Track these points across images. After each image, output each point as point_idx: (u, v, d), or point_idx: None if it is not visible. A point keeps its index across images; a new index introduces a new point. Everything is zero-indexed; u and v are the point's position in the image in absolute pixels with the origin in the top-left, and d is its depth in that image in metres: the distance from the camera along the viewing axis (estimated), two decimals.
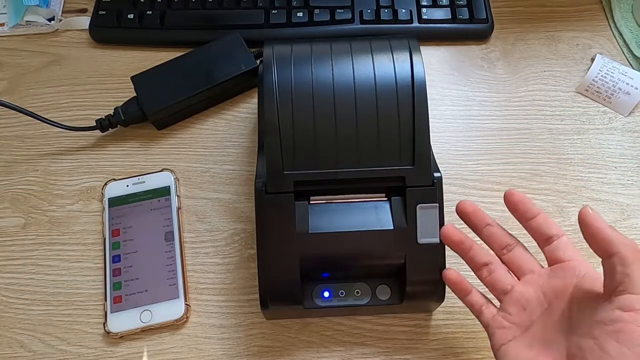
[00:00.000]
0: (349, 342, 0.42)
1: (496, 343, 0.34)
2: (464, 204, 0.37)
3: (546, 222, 0.35)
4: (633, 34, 0.54)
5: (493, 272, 0.36)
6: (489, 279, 0.36)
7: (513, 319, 0.34)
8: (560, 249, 0.34)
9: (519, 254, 0.36)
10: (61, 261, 0.45)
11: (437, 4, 0.55)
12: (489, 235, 0.36)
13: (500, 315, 0.35)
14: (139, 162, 0.49)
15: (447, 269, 0.37)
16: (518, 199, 0.36)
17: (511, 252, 0.36)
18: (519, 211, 0.36)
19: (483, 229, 0.37)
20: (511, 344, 0.34)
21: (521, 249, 0.36)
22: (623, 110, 0.51)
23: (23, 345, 0.42)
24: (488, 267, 0.36)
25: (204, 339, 0.42)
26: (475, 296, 0.36)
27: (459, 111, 0.52)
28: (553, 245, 0.35)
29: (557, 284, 0.34)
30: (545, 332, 0.33)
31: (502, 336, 0.34)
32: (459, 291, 0.37)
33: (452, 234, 0.36)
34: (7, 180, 0.49)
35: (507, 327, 0.34)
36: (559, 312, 0.33)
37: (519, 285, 0.35)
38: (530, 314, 0.34)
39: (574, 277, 0.33)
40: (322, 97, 0.38)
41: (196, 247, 0.45)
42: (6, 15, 0.56)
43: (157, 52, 0.54)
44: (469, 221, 0.37)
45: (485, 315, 0.36)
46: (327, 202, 0.38)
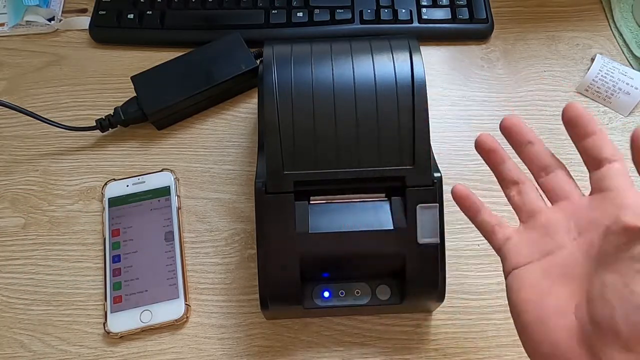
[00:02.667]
0: (349, 342, 0.42)
1: (508, 265, 0.31)
2: (508, 118, 0.33)
3: (600, 142, 0.30)
4: (633, 34, 0.54)
5: (523, 192, 0.32)
6: (517, 199, 0.32)
7: (532, 241, 0.31)
8: (608, 177, 0.30)
9: (559, 178, 0.32)
10: (61, 261, 0.45)
11: (437, 4, 0.55)
12: (529, 154, 0.33)
13: (517, 237, 0.31)
14: (139, 162, 0.49)
15: (455, 186, 0.34)
16: (577, 114, 0.31)
17: (550, 174, 0.32)
18: (576, 127, 0.31)
19: (524, 146, 0.33)
20: (525, 269, 0.30)
21: (563, 172, 0.32)
22: (623, 110, 0.51)
23: (23, 345, 0.42)
24: (518, 187, 0.33)
25: (204, 339, 0.42)
26: (486, 214, 0.33)
27: (459, 111, 0.52)
28: (602, 171, 0.30)
29: (593, 215, 0.29)
30: (567, 262, 0.29)
31: (516, 258, 0.31)
32: (468, 208, 0.34)
33: (486, 140, 0.33)
34: (7, 180, 0.49)
35: (523, 250, 0.31)
36: (587, 245, 0.29)
37: (549, 210, 0.31)
38: (554, 240, 0.30)
39: (615, 209, 0.28)
40: (322, 97, 0.38)
41: (196, 247, 0.45)
42: (6, 15, 0.56)
43: (157, 52, 0.54)
44: (509, 136, 0.33)
45: (499, 235, 0.32)
46: (327, 202, 0.38)
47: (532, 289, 0.29)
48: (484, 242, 0.38)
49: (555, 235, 0.30)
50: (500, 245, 0.32)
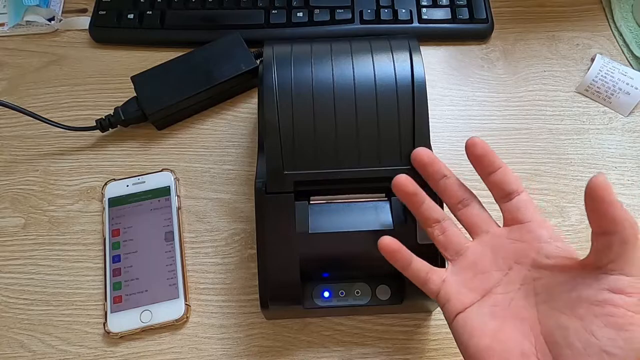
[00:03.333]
0: (349, 342, 0.42)
1: (451, 311, 0.31)
2: (420, 152, 0.34)
3: (506, 176, 0.32)
4: (633, 34, 0.54)
5: (446, 230, 0.33)
6: (442, 238, 0.33)
7: (469, 282, 0.31)
8: (520, 208, 0.31)
9: (476, 211, 0.33)
10: (61, 261, 0.45)
11: (437, 4, 0.55)
12: (444, 188, 0.34)
13: (453, 278, 0.32)
14: (139, 162, 0.49)
15: (382, 237, 0.33)
16: (482, 152, 0.33)
17: (467, 207, 0.33)
18: (482, 164, 0.33)
19: (439, 180, 0.34)
20: (469, 311, 0.30)
21: (478, 205, 0.33)
22: (623, 110, 0.51)
23: (23, 345, 0.42)
24: (441, 225, 0.33)
25: (204, 339, 0.42)
26: (417, 263, 0.33)
27: (459, 111, 0.52)
28: (512, 202, 0.32)
29: (517, 248, 0.31)
30: (508, 299, 0.30)
31: (457, 302, 0.31)
32: (400, 260, 0.33)
33: (406, 184, 0.33)
34: (7, 180, 0.49)
35: (462, 292, 0.31)
36: (521, 279, 0.30)
37: (474, 246, 0.32)
38: (488, 278, 0.31)
39: (536, 242, 0.30)
40: (322, 97, 0.38)
41: (196, 247, 0.45)
42: (6, 15, 0.56)
43: (157, 52, 0.54)
44: (425, 171, 0.35)
45: (434, 281, 0.32)
46: (327, 202, 0.38)
47: (485, 335, 0.29)
48: None
49: (487, 273, 0.31)
50: (438, 290, 0.32)
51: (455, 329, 0.31)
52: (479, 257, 0.32)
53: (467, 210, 0.33)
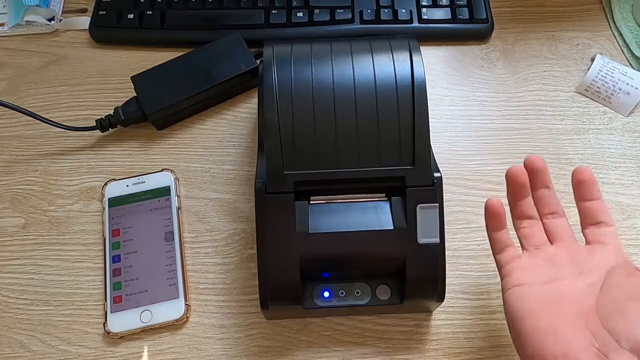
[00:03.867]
0: (349, 342, 0.42)
1: (510, 282, 0.33)
2: (535, 159, 0.36)
3: (603, 208, 0.35)
4: (633, 34, 0.54)
5: (534, 226, 0.35)
6: (527, 231, 0.35)
7: (537, 267, 0.33)
8: (606, 235, 0.34)
9: (563, 224, 0.35)
10: (61, 261, 0.45)
11: (437, 4, 0.55)
12: (543, 197, 0.36)
13: (524, 259, 0.34)
14: (139, 162, 0.49)
15: (491, 198, 0.36)
16: (586, 178, 0.35)
17: (556, 219, 0.35)
18: (582, 190, 0.35)
19: (541, 189, 0.36)
20: (528, 287, 0.32)
21: (566, 221, 0.36)
22: (623, 110, 0.51)
23: (23, 345, 0.42)
24: (530, 221, 0.35)
25: (204, 339, 0.42)
26: (505, 234, 0.35)
27: (459, 111, 0.52)
28: (600, 229, 0.34)
29: (594, 260, 0.33)
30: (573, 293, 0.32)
31: (519, 276, 0.33)
32: (495, 223, 0.36)
33: (519, 174, 0.35)
34: (7, 180, 0.49)
35: (527, 272, 0.33)
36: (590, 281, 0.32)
37: (553, 247, 0.34)
38: (556, 271, 0.33)
39: (613, 259, 0.33)
40: (322, 97, 0.38)
41: (196, 247, 0.45)
42: (6, 15, 0.56)
43: (157, 52, 0.54)
44: (533, 176, 0.36)
45: (508, 253, 0.34)
46: (327, 202, 0.38)
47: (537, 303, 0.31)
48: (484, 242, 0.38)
49: (557, 268, 0.33)
50: (506, 262, 0.34)
51: (509, 298, 0.32)
52: (556, 255, 0.34)
53: (556, 221, 0.35)
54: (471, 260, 0.45)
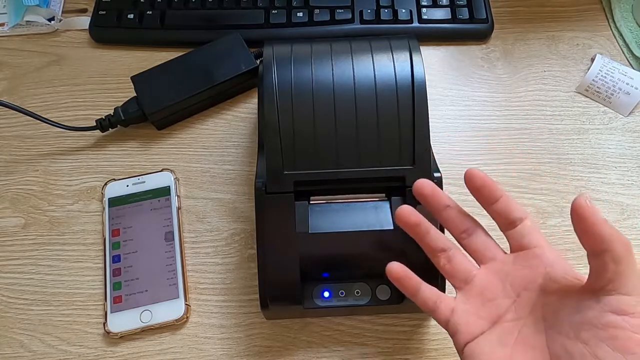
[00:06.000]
0: (349, 342, 0.42)
1: (461, 340, 0.31)
2: (422, 184, 0.34)
3: (509, 205, 0.32)
4: (633, 34, 0.54)
5: (452, 258, 0.33)
6: (448, 267, 0.33)
7: (478, 311, 0.31)
8: (525, 235, 0.31)
9: (481, 239, 0.33)
10: (61, 261, 0.45)
11: (437, 4, 0.55)
12: (447, 219, 0.34)
13: (461, 307, 0.31)
14: (139, 162, 0.49)
15: (390, 263, 0.33)
16: (481, 184, 0.32)
17: (471, 236, 0.33)
18: (483, 195, 0.33)
19: (442, 211, 0.34)
20: (479, 341, 0.30)
21: (482, 233, 0.33)
22: (623, 110, 0.51)
23: (23, 345, 0.42)
24: (447, 254, 0.33)
25: (204, 339, 0.42)
26: (426, 290, 0.33)
27: (459, 111, 0.52)
28: (517, 230, 0.32)
29: (525, 274, 0.31)
30: (518, 327, 0.30)
31: (467, 331, 0.30)
32: (408, 288, 0.33)
33: (409, 215, 0.33)
34: (7, 180, 0.49)
35: (471, 321, 0.31)
36: (530, 305, 0.30)
37: (482, 274, 0.32)
38: (498, 306, 0.31)
39: (542, 267, 0.30)
40: (322, 97, 0.38)
41: (196, 247, 0.45)
42: (6, 15, 0.56)
43: (157, 52, 0.54)
44: (426, 203, 0.34)
45: (442, 310, 0.32)
46: (327, 202, 0.38)
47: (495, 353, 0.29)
48: None
49: (495, 301, 0.31)
50: (447, 319, 0.31)
51: (465, 358, 0.30)
52: (487, 284, 0.32)
53: (472, 239, 0.33)
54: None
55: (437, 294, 0.33)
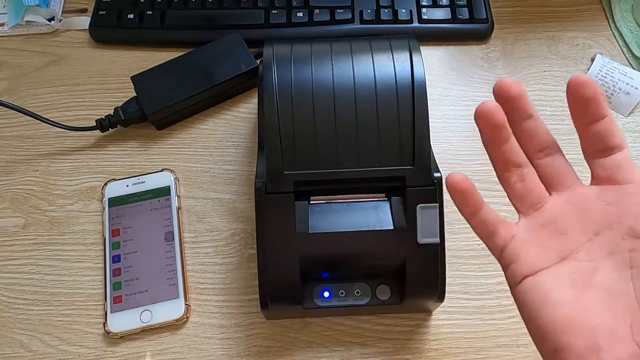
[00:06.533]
0: (349, 342, 0.42)
1: (519, 272, 0.26)
2: (511, 82, 0.27)
3: (612, 127, 0.26)
4: (633, 34, 0.54)
5: (526, 177, 0.27)
6: (519, 186, 0.27)
7: (542, 240, 0.26)
8: (622, 166, 0.26)
9: (561, 162, 0.28)
10: (61, 261, 0.45)
11: (437, 4, 0.55)
12: (529, 130, 0.28)
13: (524, 235, 0.27)
14: (139, 162, 0.49)
15: (452, 173, 0.28)
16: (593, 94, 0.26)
17: (551, 156, 0.28)
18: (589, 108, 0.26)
19: (525, 120, 0.28)
20: (542, 275, 0.25)
21: (563, 157, 0.28)
22: (623, 110, 0.51)
23: (23, 345, 0.42)
24: (521, 171, 0.27)
25: (204, 339, 0.42)
26: (488, 211, 0.28)
27: (459, 111, 0.52)
28: (612, 158, 0.26)
29: (611, 211, 0.26)
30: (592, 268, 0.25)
31: (528, 262, 0.26)
32: (469, 204, 0.28)
33: (495, 112, 0.27)
34: (7, 180, 0.49)
35: (534, 252, 0.26)
36: (611, 248, 0.25)
37: (556, 202, 0.27)
38: (569, 240, 0.26)
39: (636, 206, 0.25)
40: (322, 97, 0.38)
41: (196, 247, 0.45)
42: (6, 15, 0.56)
43: (157, 52, 0.54)
44: (510, 106, 0.28)
45: (501, 235, 0.27)
46: (327, 202, 0.38)
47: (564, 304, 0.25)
48: None
49: (567, 234, 0.26)
50: (504, 245, 0.27)
51: (522, 295, 0.26)
52: (560, 214, 0.26)
53: (550, 160, 0.28)
54: (471, 260, 0.45)
55: (499, 218, 0.28)
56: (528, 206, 0.27)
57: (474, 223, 0.28)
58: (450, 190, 0.28)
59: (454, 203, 0.28)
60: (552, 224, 0.27)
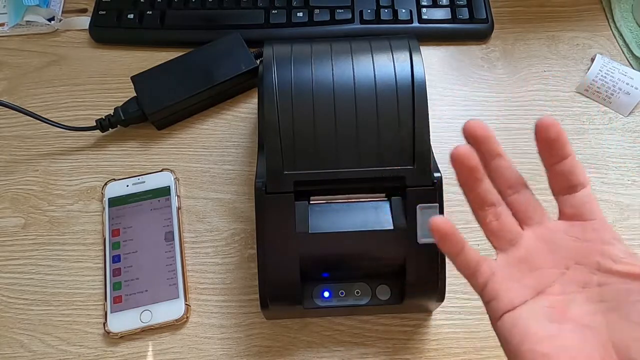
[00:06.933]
0: (349, 342, 0.42)
1: (499, 308, 0.27)
2: (477, 125, 0.29)
3: (576, 166, 0.28)
4: (633, 34, 0.54)
5: (500, 215, 0.29)
6: (495, 224, 0.29)
7: (521, 278, 0.27)
8: (585, 203, 0.28)
9: (528, 198, 0.29)
10: (61, 261, 0.45)
11: (437, 4, 0.55)
12: (497, 169, 0.29)
13: (502, 272, 0.28)
14: (139, 162, 0.49)
15: (435, 217, 0.29)
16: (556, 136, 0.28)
17: (519, 193, 0.29)
18: (553, 149, 0.28)
19: (493, 159, 0.29)
20: (521, 310, 0.26)
21: (530, 193, 0.30)
22: (623, 110, 0.51)
23: (23, 345, 0.42)
24: (495, 210, 0.29)
25: (204, 339, 0.42)
26: (469, 252, 0.29)
27: (459, 111, 0.52)
28: (577, 196, 0.28)
29: (578, 247, 0.27)
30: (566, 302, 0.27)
31: (507, 298, 0.27)
32: (452, 246, 0.29)
33: (468, 157, 0.29)
34: (7, 180, 0.49)
35: (512, 288, 0.27)
36: (582, 281, 0.27)
37: (529, 238, 0.28)
38: (543, 275, 0.27)
39: (600, 243, 0.27)
40: (322, 97, 0.38)
41: (196, 247, 0.45)
42: (6, 15, 0.56)
43: (157, 52, 0.54)
44: (478, 148, 0.29)
45: (483, 273, 0.28)
46: (327, 202, 0.38)
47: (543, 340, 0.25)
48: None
49: (541, 270, 0.28)
50: (486, 283, 0.28)
51: (502, 330, 0.27)
52: (534, 250, 0.28)
53: (519, 197, 0.29)
54: None
55: (479, 256, 0.29)
56: (504, 242, 0.29)
57: (458, 263, 0.29)
58: (434, 233, 0.29)
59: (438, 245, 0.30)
60: (527, 260, 0.28)
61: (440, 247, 0.29)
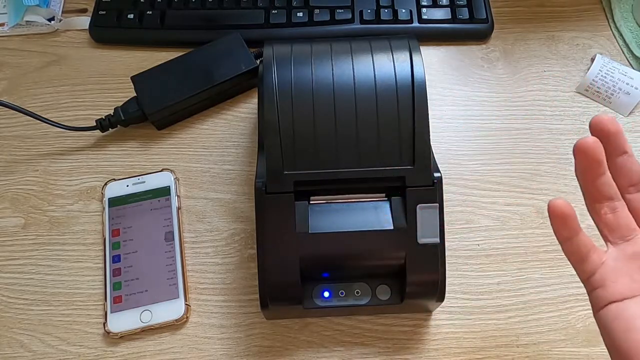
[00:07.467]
0: (349, 342, 0.42)
1: (604, 297, 0.27)
2: (608, 119, 0.28)
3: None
4: (633, 34, 0.54)
5: (617, 209, 0.29)
6: (611, 217, 0.29)
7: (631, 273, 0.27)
8: None
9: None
10: (61, 261, 0.45)
11: (437, 4, 0.55)
12: (622, 166, 0.29)
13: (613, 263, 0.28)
14: (139, 162, 0.49)
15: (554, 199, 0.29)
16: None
17: None
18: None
19: (619, 156, 0.29)
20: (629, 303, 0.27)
21: None
22: (623, 110, 0.51)
23: (23, 345, 0.42)
24: (612, 204, 0.29)
25: (204, 339, 0.42)
26: (584, 237, 0.29)
27: (459, 111, 0.52)
28: None
29: None
30: None
31: (614, 289, 0.27)
32: (568, 228, 0.29)
33: (594, 148, 0.28)
34: (7, 180, 0.49)
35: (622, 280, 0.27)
36: None
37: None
38: None
39: None
40: (322, 97, 0.38)
41: (196, 247, 0.45)
42: (6, 15, 0.56)
43: (157, 52, 0.54)
44: (607, 142, 0.29)
45: (593, 260, 0.28)
46: (327, 202, 0.38)
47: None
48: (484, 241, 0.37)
49: None
50: (593, 271, 0.28)
51: (604, 320, 0.27)
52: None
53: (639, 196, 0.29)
54: (471, 260, 0.45)
55: (592, 243, 0.29)
56: (618, 237, 0.29)
57: (567, 247, 0.29)
58: (551, 214, 0.29)
59: (552, 226, 0.29)
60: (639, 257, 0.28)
61: (556, 228, 0.29)
